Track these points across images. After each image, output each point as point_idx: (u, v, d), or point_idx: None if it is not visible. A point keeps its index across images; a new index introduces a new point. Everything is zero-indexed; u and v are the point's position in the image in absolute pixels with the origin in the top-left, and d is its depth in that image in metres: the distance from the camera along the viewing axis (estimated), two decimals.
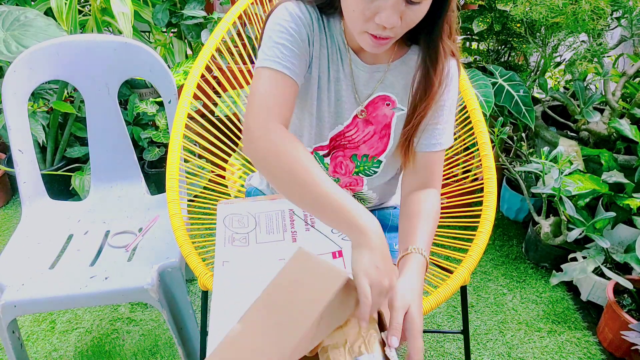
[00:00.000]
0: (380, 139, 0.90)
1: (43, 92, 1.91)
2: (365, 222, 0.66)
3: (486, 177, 1.10)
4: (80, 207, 1.42)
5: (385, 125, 0.89)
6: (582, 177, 1.51)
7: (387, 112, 0.88)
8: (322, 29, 0.81)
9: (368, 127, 0.89)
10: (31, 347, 1.46)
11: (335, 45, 0.83)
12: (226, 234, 0.90)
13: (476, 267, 1.59)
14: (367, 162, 0.93)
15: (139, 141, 1.97)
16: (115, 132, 1.42)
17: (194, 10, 1.95)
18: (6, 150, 2.20)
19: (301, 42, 0.77)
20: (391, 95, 0.87)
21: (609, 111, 1.77)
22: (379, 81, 0.85)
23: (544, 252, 1.77)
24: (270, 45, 0.76)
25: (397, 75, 0.85)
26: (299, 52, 0.77)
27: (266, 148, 0.71)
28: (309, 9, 0.79)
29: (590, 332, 1.55)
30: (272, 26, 0.77)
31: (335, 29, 0.82)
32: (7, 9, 1.59)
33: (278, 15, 0.78)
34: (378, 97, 0.86)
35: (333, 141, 0.91)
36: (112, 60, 1.34)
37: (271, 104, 0.74)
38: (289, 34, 0.76)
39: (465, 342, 1.27)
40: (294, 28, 0.77)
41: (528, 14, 1.61)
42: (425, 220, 0.82)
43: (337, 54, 0.83)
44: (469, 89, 1.18)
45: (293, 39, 0.76)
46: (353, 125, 0.88)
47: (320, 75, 0.84)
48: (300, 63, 0.78)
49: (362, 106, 0.87)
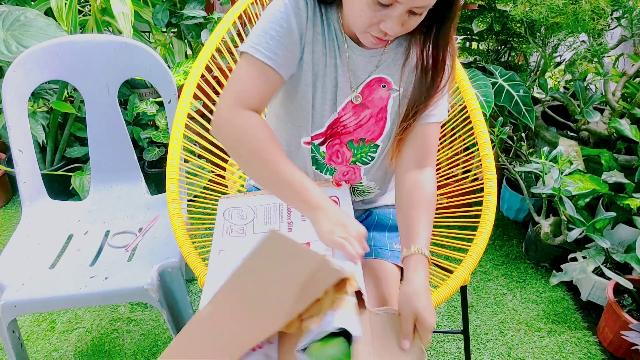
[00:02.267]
0: (377, 122, 0.90)
1: (43, 92, 1.91)
2: (319, 199, 0.76)
3: (486, 177, 1.10)
4: (80, 207, 1.42)
5: (382, 108, 0.89)
6: (582, 177, 1.51)
7: (383, 94, 0.88)
8: (319, 18, 0.82)
9: (364, 111, 0.89)
10: (31, 347, 1.46)
11: (332, 34, 0.84)
12: (224, 226, 0.92)
13: (476, 267, 1.59)
14: (364, 147, 0.92)
15: (139, 141, 1.97)
16: (115, 132, 1.42)
17: (194, 10, 1.95)
18: (6, 150, 2.20)
19: (289, 33, 0.78)
20: (387, 77, 0.87)
21: (609, 111, 1.77)
22: (376, 65, 0.86)
23: (544, 252, 1.77)
24: (257, 33, 0.78)
25: (392, 56, 0.87)
26: (286, 43, 0.78)
27: (232, 133, 0.77)
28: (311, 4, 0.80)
29: (590, 332, 1.55)
30: (265, 14, 0.80)
31: (332, 18, 0.83)
32: (7, 9, 1.59)
33: (274, 4, 0.79)
34: (374, 79, 0.87)
35: (330, 129, 0.91)
36: (112, 60, 1.34)
37: (245, 90, 0.78)
38: (278, 25, 0.77)
39: (465, 342, 1.27)
40: (285, 19, 0.78)
41: (528, 14, 1.61)
42: (425, 211, 0.85)
43: (334, 42, 0.84)
44: (469, 89, 1.18)
45: (282, 30, 0.77)
46: (348, 110, 0.89)
47: (316, 62, 0.84)
48: (286, 54, 0.79)
49: (358, 91, 0.87)
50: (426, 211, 0.85)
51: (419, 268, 0.78)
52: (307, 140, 0.92)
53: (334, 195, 0.96)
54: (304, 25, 0.80)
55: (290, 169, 0.77)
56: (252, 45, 0.78)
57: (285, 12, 0.78)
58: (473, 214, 1.12)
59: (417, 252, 0.79)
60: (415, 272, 0.78)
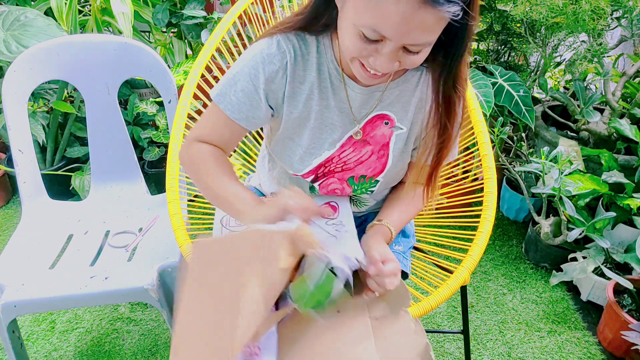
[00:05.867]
0: (379, 159, 0.87)
1: (43, 92, 1.91)
2: (245, 207, 0.78)
3: (486, 177, 1.10)
4: (80, 207, 1.42)
5: (384, 145, 0.86)
6: (582, 177, 1.51)
7: (386, 131, 0.84)
8: (307, 62, 0.79)
9: (365, 147, 0.86)
10: (31, 347, 1.46)
11: (325, 74, 0.80)
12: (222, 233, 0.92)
13: (476, 267, 1.59)
14: (365, 183, 0.90)
15: (139, 141, 1.98)
16: (115, 132, 1.42)
17: (194, 10, 1.95)
18: (6, 150, 2.20)
19: (255, 92, 0.79)
20: (390, 114, 0.83)
21: (609, 111, 1.77)
22: (377, 100, 0.82)
23: (544, 252, 1.77)
24: (229, 78, 0.81)
25: (397, 93, 0.82)
26: (252, 101, 0.80)
27: (186, 163, 0.87)
28: (287, 46, 0.77)
29: (590, 332, 1.55)
30: (243, 57, 0.80)
31: (325, 57, 0.79)
32: (7, 9, 1.59)
33: (254, 48, 0.79)
34: (376, 116, 0.83)
35: (322, 167, 0.87)
36: (112, 60, 1.34)
37: (206, 135, 0.85)
38: (246, 80, 0.79)
39: (465, 342, 1.27)
40: (254, 75, 0.78)
41: (528, 14, 1.61)
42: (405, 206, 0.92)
43: (328, 82, 0.80)
44: (469, 89, 1.18)
45: (248, 87, 0.79)
46: (348, 147, 0.86)
47: (304, 109, 0.81)
48: (250, 110, 0.81)
49: (359, 127, 0.84)
50: (406, 206, 0.91)
51: (377, 233, 0.84)
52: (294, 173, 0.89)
53: (333, 201, 0.96)
54: (276, 79, 0.78)
55: (224, 185, 0.82)
56: (219, 94, 0.81)
57: (254, 67, 0.78)
58: (473, 214, 1.12)
59: (379, 223, 0.86)
60: (373, 236, 0.83)
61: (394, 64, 0.67)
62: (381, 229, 0.86)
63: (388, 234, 0.85)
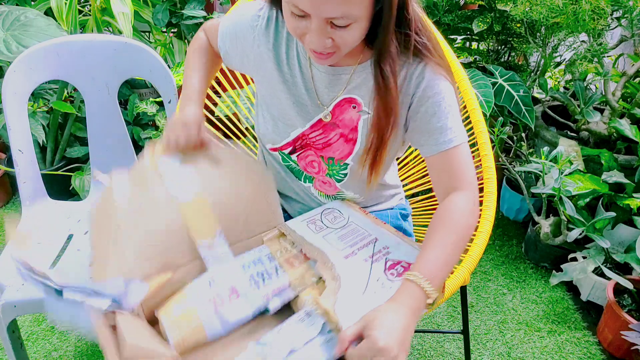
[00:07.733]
0: (347, 142, 0.87)
1: (43, 92, 1.91)
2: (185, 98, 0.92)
3: (486, 177, 1.10)
4: (80, 207, 1.42)
5: (352, 128, 0.86)
6: (582, 177, 1.51)
7: (354, 115, 0.85)
8: (279, 34, 0.83)
9: (334, 130, 0.86)
10: (31, 347, 1.46)
11: (293, 51, 0.83)
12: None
13: (476, 267, 1.59)
14: (334, 165, 0.90)
15: (139, 141, 1.97)
16: (115, 132, 1.42)
17: (194, 10, 1.95)
18: (6, 150, 2.20)
19: (238, 39, 0.89)
20: (357, 98, 0.83)
21: (609, 111, 1.77)
22: (345, 83, 0.83)
23: (544, 252, 1.77)
24: (229, 17, 0.92)
25: (363, 77, 0.82)
26: (238, 44, 0.89)
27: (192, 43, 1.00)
28: (264, 13, 0.84)
29: (590, 332, 1.55)
30: (239, 6, 0.93)
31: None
32: (7, 9, 1.59)
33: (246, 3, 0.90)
34: (344, 99, 0.84)
35: (299, 140, 0.89)
36: (112, 60, 1.34)
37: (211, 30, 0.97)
38: (238, 28, 0.88)
39: (465, 342, 1.27)
40: (242, 24, 0.87)
41: (528, 14, 1.61)
42: (439, 236, 0.74)
43: (295, 60, 0.84)
44: (469, 89, 1.18)
45: (238, 31, 0.88)
46: (318, 128, 0.87)
47: (277, 77, 0.85)
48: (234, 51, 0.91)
49: (328, 110, 0.85)
50: (440, 235, 0.74)
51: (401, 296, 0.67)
52: (272, 147, 0.92)
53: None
54: (255, 38, 0.85)
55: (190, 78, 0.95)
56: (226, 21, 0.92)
57: (245, 19, 0.87)
58: None
59: (407, 277, 0.68)
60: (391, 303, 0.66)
61: (326, 40, 0.68)
62: (407, 289, 0.67)
63: (418, 295, 0.67)
